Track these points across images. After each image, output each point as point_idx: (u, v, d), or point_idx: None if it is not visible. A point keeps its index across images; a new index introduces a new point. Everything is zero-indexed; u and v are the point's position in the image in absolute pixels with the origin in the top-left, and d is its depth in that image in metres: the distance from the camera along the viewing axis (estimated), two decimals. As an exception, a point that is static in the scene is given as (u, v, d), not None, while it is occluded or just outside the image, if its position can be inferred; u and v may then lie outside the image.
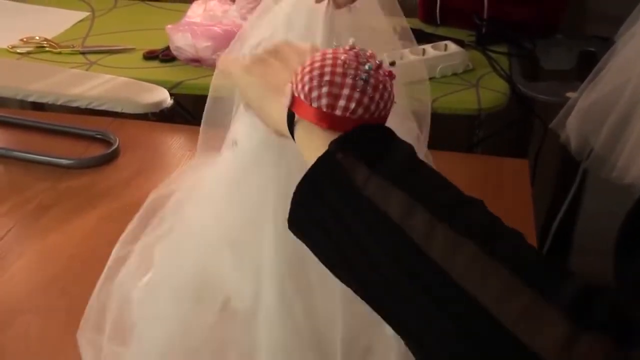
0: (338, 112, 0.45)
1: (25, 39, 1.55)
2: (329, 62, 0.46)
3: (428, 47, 1.40)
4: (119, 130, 1.21)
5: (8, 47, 1.53)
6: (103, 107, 1.33)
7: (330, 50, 0.48)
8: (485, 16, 1.52)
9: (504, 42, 1.51)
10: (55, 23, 1.65)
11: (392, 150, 0.44)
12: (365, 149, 0.44)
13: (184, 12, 1.56)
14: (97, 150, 1.19)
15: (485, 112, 1.38)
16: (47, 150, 1.18)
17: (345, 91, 0.45)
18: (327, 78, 0.46)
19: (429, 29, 1.57)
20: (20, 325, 0.83)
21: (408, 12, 1.78)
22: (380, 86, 0.46)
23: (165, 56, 1.48)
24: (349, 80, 0.46)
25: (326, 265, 0.45)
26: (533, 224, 1.03)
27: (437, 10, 1.58)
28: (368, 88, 0.46)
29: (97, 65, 1.47)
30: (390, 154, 0.44)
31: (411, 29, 1.56)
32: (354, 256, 0.42)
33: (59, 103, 1.37)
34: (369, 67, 0.46)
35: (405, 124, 0.76)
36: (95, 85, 1.36)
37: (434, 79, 1.40)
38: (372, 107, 0.46)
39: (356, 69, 0.46)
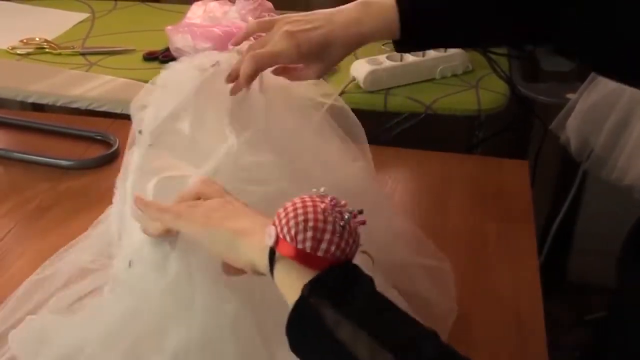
0: (319, 253, 0.53)
1: (25, 40, 1.55)
2: (310, 209, 0.54)
3: (428, 48, 1.40)
4: (119, 131, 1.21)
5: (8, 48, 1.53)
6: (103, 108, 1.33)
7: (307, 198, 0.55)
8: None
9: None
10: (55, 24, 1.66)
11: (354, 290, 0.51)
12: (333, 290, 0.51)
13: (184, 13, 1.56)
14: (97, 151, 1.19)
15: (485, 113, 1.38)
16: (47, 151, 1.18)
17: (327, 236, 0.53)
18: (311, 224, 0.53)
19: (428, 30, 1.57)
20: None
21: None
22: (354, 232, 0.54)
23: (165, 57, 1.48)
24: (329, 227, 0.53)
25: None
26: (533, 225, 1.03)
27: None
28: (345, 233, 0.53)
29: (97, 66, 1.47)
30: (356, 294, 0.51)
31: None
32: None
33: (59, 104, 1.37)
34: (347, 216, 0.54)
35: (355, 164, 0.81)
36: (95, 86, 1.37)
37: (433, 80, 1.40)
38: (347, 250, 0.54)
39: (335, 217, 0.53)
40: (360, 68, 1.35)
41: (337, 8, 0.76)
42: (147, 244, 0.67)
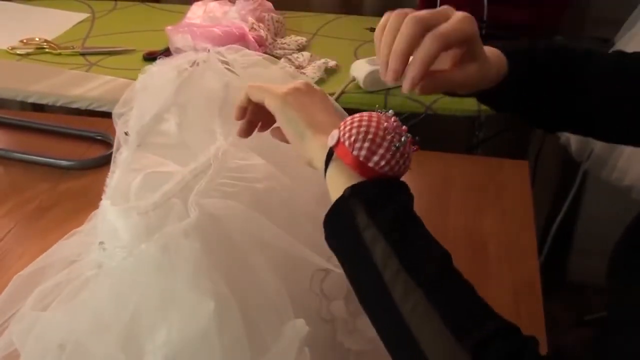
0: (370, 164, 0.58)
1: (25, 40, 1.55)
2: (374, 124, 0.59)
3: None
4: (119, 132, 1.21)
5: (8, 48, 1.53)
6: (103, 108, 1.33)
7: (375, 114, 0.60)
8: (485, 18, 1.52)
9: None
10: (55, 24, 1.66)
11: (389, 202, 0.57)
12: (370, 199, 0.57)
13: (184, 13, 1.56)
14: (97, 152, 1.19)
15: (485, 113, 1.38)
16: (47, 151, 1.18)
17: (381, 150, 0.58)
18: (370, 136, 0.58)
19: (429, 30, 1.57)
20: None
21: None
22: (406, 155, 0.60)
23: (165, 57, 1.48)
24: (385, 144, 0.58)
25: (343, 270, 0.60)
26: (533, 225, 1.03)
27: (437, 12, 1.58)
28: (397, 154, 0.59)
29: (97, 66, 1.47)
30: (388, 205, 0.57)
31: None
32: (352, 276, 0.59)
33: (59, 104, 1.37)
34: (403, 139, 0.59)
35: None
36: (95, 87, 1.37)
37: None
38: (395, 168, 0.59)
39: (393, 136, 0.59)
40: (360, 68, 1.35)
41: None
42: (122, 229, 0.67)
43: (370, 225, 0.56)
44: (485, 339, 0.51)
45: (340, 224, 0.58)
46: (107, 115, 1.33)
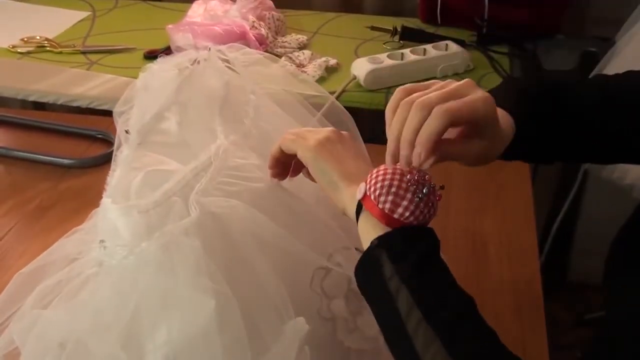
0: (395, 216, 0.61)
1: (26, 39, 1.55)
2: (397, 177, 0.62)
3: (429, 47, 1.40)
4: (119, 130, 1.21)
5: (9, 46, 1.53)
6: (104, 107, 1.33)
7: (398, 168, 0.63)
8: (486, 16, 1.52)
9: (505, 43, 1.50)
10: (56, 23, 1.66)
11: (413, 250, 0.60)
12: (394, 249, 0.60)
13: (185, 11, 1.56)
14: (98, 150, 1.19)
15: (486, 113, 1.38)
16: (48, 150, 1.18)
17: (405, 202, 0.61)
18: (393, 190, 0.62)
19: (429, 29, 1.57)
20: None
21: (409, 12, 1.79)
22: (430, 204, 0.62)
23: (166, 56, 1.48)
24: (409, 195, 0.62)
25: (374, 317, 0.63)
26: (534, 224, 1.03)
27: (438, 10, 1.58)
28: (421, 204, 0.62)
29: (98, 65, 1.47)
30: (411, 253, 0.59)
31: (412, 28, 1.57)
32: (381, 323, 0.61)
33: (59, 103, 1.37)
34: (425, 190, 0.62)
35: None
36: (96, 85, 1.37)
37: (435, 79, 1.40)
38: (420, 218, 0.62)
39: (416, 188, 0.62)
40: (361, 67, 1.35)
41: None
42: (123, 227, 0.67)
43: (394, 274, 0.59)
44: None
45: (368, 273, 0.61)
46: (108, 113, 1.33)
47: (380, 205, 0.61)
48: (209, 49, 0.83)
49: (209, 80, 0.82)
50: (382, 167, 0.64)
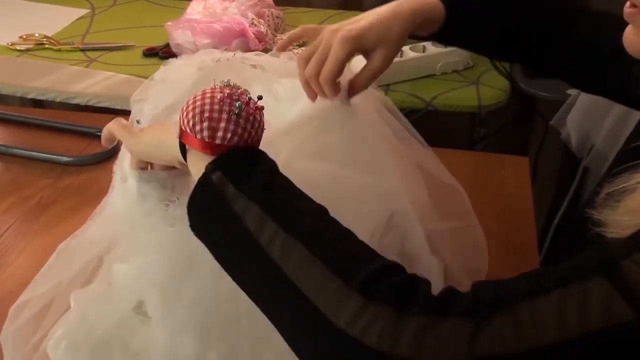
0: (217, 141, 0.57)
1: (25, 36, 1.55)
2: (207, 100, 0.58)
3: (428, 44, 1.40)
4: (119, 128, 1.21)
5: (8, 44, 1.53)
6: (103, 104, 1.33)
7: (208, 90, 0.59)
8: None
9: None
10: (55, 20, 1.65)
11: (254, 170, 0.56)
12: (233, 169, 0.56)
13: (184, 9, 1.56)
14: (98, 148, 1.19)
15: (485, 110, 1.38)
16: (48, 147, 1.18)
17: (222, 124, 0.57)
18: (206, 114, 0.57)
19: (429, 26, 1.57)
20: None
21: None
22: (251, 118, 0.58)
23: (165, 53, 1.48)
24: (224, 115, 0.57)
25: (215, 258, 0.57)
26: (533, 221, 1.03)
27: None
28: (241, 120, 0.58)
29: (97, 62, 1.47)
30: (253, 173, 0.56)
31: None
32: (227, 253, 0.57)
33: (58, 100, 1.37)
34: (239, 104, 0.58)
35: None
36: (95, 83, 1.36)
37: (434, 76, 1.40)
38: (245, 135, 0.58)
39: (230, 104, 0.58)
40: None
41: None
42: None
43: (239, 194, 0.54)
44: (373, 275, 0.50)
45: (205, 203, 0.56)
46: (107, 111, 1.33)
47: (198, 136, 0.57)
48: (234, 54, 0.83)
49: (226, 77, 0.81)
50: (191, 97, 0.60)
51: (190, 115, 0.58)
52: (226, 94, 0.58)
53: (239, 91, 0.59)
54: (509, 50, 0.86)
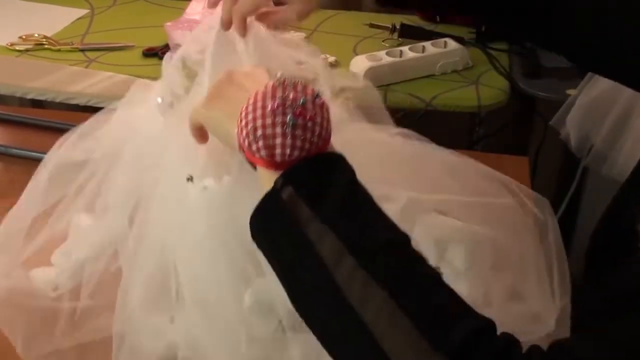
0: (277, 159, 0.51)
1: (24, 37, 1.54)
2: (259, 113, 0.52)
3: (427, 44, 1.40)
4: (118, 128, 1.21)
5: (7, 44, 1.52)
6: (103, 105, 1.32)
7: (260, 95, 0.53)
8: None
9: (504, 40, 1.50)
10: (55, 20, 1.65)
11: (330, 185, 0.50)
12: (306, 185, 0.50)
13: (183, 9, 1.56)
14: (97, 148, 1.18)
15: (485, 110, 1.38)
16: (47, 147, 1.17)
17: (278, 140, 0.51)
18: (259, 133, 0.51)
19: (428, 26, 1.57)
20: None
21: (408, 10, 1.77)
22: (309, 124, 0.52)
23: (164, 53, 1.48)
24: (278, 130, 0.51)
25: (276, 274, 0.52)
26: (533, 221, 1.02)
27: (437, 8, 1.58)
28: (297, 132, 0.51)
29: (97, 62, 1.47)
30: (329, 189, 0.49)
31: (411, 26, 1.57)
32: (291, 279, 0.51)
33: (58, 100, 1.36)
34: (290, 116, 0.51)
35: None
36: (95, 83, 1.36)
37: (433, 77, 1.40)
38: (307, 145, 0.51)
39: (283, 115, 0.51)
40: (359, 64, 1.35)
41: None
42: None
43: (313, 217, 0.49)
44: (464, 340, 0.45)
45: (272, 221, 0.51)
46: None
47: (257, 155, 0.52)
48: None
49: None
50: (244, 104, 0.54)
51: (244, 133, 0.52)
52: (277, 103, 0.52)
53: (291, 95, 0.52)
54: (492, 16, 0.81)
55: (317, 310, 0.49)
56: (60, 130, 1.25)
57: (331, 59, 1.43)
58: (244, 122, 0.53)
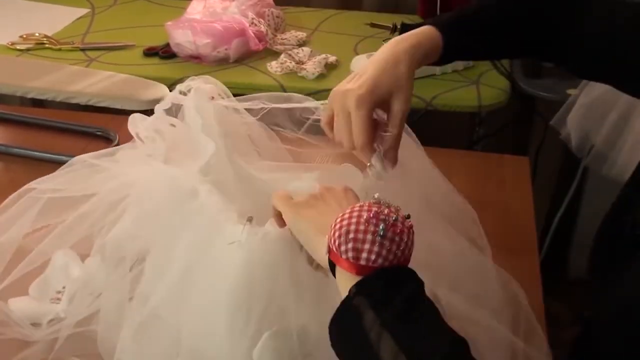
0: (362, 262, 0.57)
1: (25, 36, 1.55)
2: (354, 220, 0.58)
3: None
4: (119, 127, 1.21)
5: (8, 43, 1.53)
6: (103, 104, 1.33)
7: (357, 207, 0.59)
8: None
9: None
10: (55, 20, 1.65)
11: (397, 295, 0.55)
12: (375, 294, 0.55)
13: (184, 8, 1.56)
14: (98, 147, 1.18)
15: (485, 109, 1.38)
16: (48, 147, 1.18)
17: (367, 246, 0.57)
18: (351, 236, 0.57)
19: (429, 26, 1.57)
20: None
21: (408, 9, 1.79)
22: (397, 238, 0.57)
23: (165, 53, 1.48)
24: (369, 237, 0.57)
25: None
26: (533, 221, 1.03)
27: (438, 7, 1.58)
28: (385, 242, 0.57)
29: (97, 62, 1.47)
30: (395, 299, 0.55)
31: (412, 25, 1.56)
32: None
33: (58, 100, 1.36)
34: (382, 227, 0.57)
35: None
36: (95, 82, 1.36)
37: (434, 76, 1.40)
38: (390, 256, 0.57)
39: (375, 225, 0.57)
40: (360, 64, 1.35)
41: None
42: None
43: (377, 322, 0.54)
44: None
45: (346, 325, 0.57)
46: (107, 110, 1.33)
47: (344, 256, 0.57)
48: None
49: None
50: (340, 214, 0.60)
51: (337, 234, 0.58)
52: (372, 214, 0.58)
53: (386, 211, 0.58)
54: (517, 51, 0.85)
55: None
56: (60, 130, 1.26)
57: (332, 58, 1.43)
58: (337, 226, 0.58)
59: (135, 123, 0.81)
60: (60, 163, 1.14)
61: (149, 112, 0.85)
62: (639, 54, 0.73)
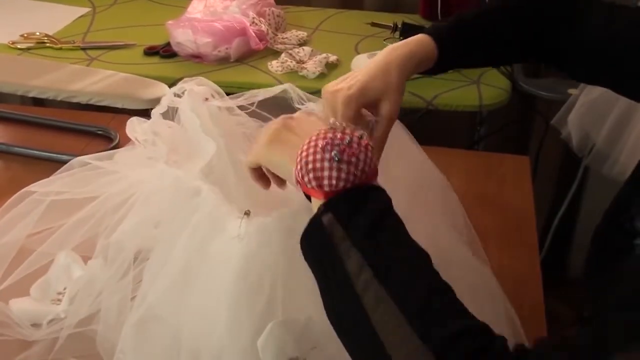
0: (326, 189, 0.60)
1: (26, 35, 1.55)
2: (311, 150, 0.61)
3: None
4: (119, 126, 1.21)
5: (9, 42, 1.53)
6: (104, 103, 1.33)
7: (314, 137, 0.62)
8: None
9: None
10: (56, 19, 1.65)
11: (363, 212, 0.59)
12: (342, 212, 0.59)
13: (185, 7, 1.56)
14: (98, 146, 1.19)
15: (486, 109, 1.38)
16: (48, 146, 1.18)
17: (326, 173, 0.60)
18: (310, 166, 0.61)
19: (429, 25, 1.57)
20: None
21: (409, 8, 1.79)
22: (353, 159, 0.61)
23: (165, 52, 1.48)
24: (326, 164, 0.61)
25: (319, 288, 0.61)
26: (534, 220, 1.03)
27: (439, 6, 1.58)
28: (342, 165, 0.60)
29: (98, 61, 1.47)
30: (362, 215, 0.59)
31: (412, 24, 1.57)
32: (327, 289, 0.60)
33: (59, 99, 1.36)
34: (336, 151, 0.60)
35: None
36: (96, 81, 1.36)
37: (435, 76, 1.40)
38: (351, 177, 0.60)
39: (331, 151, 0.61)
40: (361, 63, 1.35)
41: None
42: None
43: (345, 238, 0.58)
44: (449, 337, 0.52)
45: (314, 241, 0.60)
46: (108, 109, 1.33)
47: (309, 185, 0.61)
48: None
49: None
50: (305, 142, 0.63)
51: (299, 167, 0.62)
52: (326, 142, 0.61)
53: (339, 135, 0.61)
54: (517, 55, 0.87)
55: (340, 313, 0.59)
56: (61, 129, 1.26)
57: (332, 57, 1.43)
58: (298, 159, 0.62)
59: (134, 127, 0.81)
60: (61, 162, 1.14)
61: (149, 111, 0.84)
62: (637, 58, 0.74)
